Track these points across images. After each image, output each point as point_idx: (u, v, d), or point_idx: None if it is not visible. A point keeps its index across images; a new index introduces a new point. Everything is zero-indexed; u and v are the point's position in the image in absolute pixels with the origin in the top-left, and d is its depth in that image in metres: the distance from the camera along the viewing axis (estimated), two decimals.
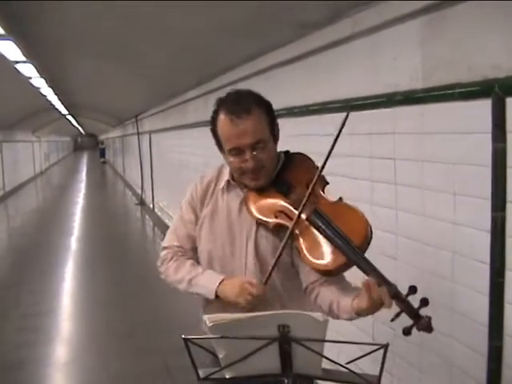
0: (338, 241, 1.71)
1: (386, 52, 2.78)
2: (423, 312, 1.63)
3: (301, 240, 1.79)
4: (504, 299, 2.10)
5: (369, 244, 1.75)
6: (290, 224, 1.80)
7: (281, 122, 1.96)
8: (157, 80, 7.74)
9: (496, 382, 2.17)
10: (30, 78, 8.52)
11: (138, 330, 5.27)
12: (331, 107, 3.38)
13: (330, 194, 1.96)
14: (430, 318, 1.61)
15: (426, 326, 1.60)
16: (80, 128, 36.55)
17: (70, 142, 57.83)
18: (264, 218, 1.87)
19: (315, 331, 1.39)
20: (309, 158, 2.01)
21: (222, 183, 2.04)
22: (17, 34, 5.44)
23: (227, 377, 1.56)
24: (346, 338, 3.08)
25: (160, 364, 4.37)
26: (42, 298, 6.61)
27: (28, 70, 7.65)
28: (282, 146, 2.06)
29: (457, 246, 2.34)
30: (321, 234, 1.76)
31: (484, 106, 2.10)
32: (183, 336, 1.47)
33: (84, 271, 8.09)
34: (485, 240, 2.14)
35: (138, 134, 14.61)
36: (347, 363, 1.49)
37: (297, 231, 1.80)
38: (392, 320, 1.62)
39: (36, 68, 7.57)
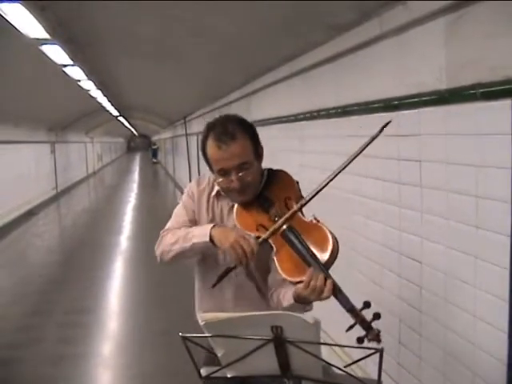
0: (306, 255, 1.88)
1: (413, 52, 2.75)
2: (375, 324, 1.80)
3: (275, 252, 1.95)
4: None
5: (334, 259, 1.90)
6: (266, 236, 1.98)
7: (314, 123, 1.99)
8: (203, 81, 7.84)
9: None
10: (79, 80, 8.74)
11: (173, 329, 5.33)
12: (360, 109, 3.37)
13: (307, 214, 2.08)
14: (379, 331, 1.80)
15: (375, 336, 1.78)
16: (132, 129, 37.26)
17: (123, 143, 58.95)
18: (246, 231, 2.01)
19: (307, 333, 1.39)
20: (287, 176, 2.16)
21: (214, 191, 2.23)
22: (62, 38, 5.60)
23: (229, 376, 1.58)
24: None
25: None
26: (86, 295, 6.80)
27: (76, 72, 7.85)
28: (313, 148, 2.15)
29: (479, 251, 2.30)
30: (293, 249, 1.92)
31: (505, 107, 2.05)
32: (180, 334, 1.49)
33: (129, 270, 8.28)
34: (505, 244, 2.09)
35: (187, 135, 14.78)
36: (345, 367, 1.48)
37: (273, 244, 1.97)
38: (347, 330, 1.78)
39: (83, 71, 7.75)
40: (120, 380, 4.56)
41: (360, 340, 1.76)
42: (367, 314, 1.80)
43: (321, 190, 2.01)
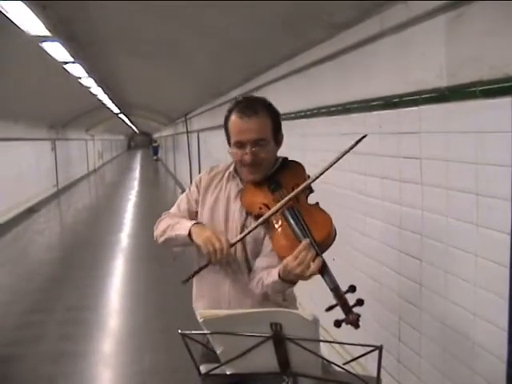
0: (301, 232, 1.94)
1: (413, 50, 2.75)
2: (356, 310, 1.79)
3: (274, 229, 2.04)
4: None
5: (329, 244, 1.96)
6: (266, 214, 2.04)
7: (314, 121, 2.03)
8: (203, 79, 7.84)
9: None
10: (80, 77, 8.74)
11: (173, 327, 5.34)
12: (361, 106, 3.37)
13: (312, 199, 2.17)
14: (359, 316, 1.79)
15: (354, 320, 1.78)
16: (133, 127, 37.26)
17: (124, 141, 58.93)
18: (250, 208, 2.15)
19: (306, 330, 1.39)
20: (301, 167, 2.25)
21: (227, 174, 2.33)
22: (63, 36, 5.60)
23: (228, 373, 1.58)
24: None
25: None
26: (87, 293, 6.81)
27: (77, 70, 7.85)
28: (314, 145, 2.19)
29: (479, 248, 2.29)
30: (290, 228, 1.98)
31: (504, 104, 2.04)
32: (180, 331, 1.49)
33: (130, 268, 8.28)
34: (505, 242, 2.09)
35: (187, 132, 14.78)
36: (344, 364, 1.48)
37: (273, 222, 2.04)
38: (326, 310, 1.81)
39: (84, 68, 7.75)
40: (120, 377, 4.56)
41: (337, 323, 1.77)
42: (351, 299, 1.81)
43: (321, 175, 2.09)
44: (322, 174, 2.09)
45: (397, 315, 3.09)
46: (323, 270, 1.85)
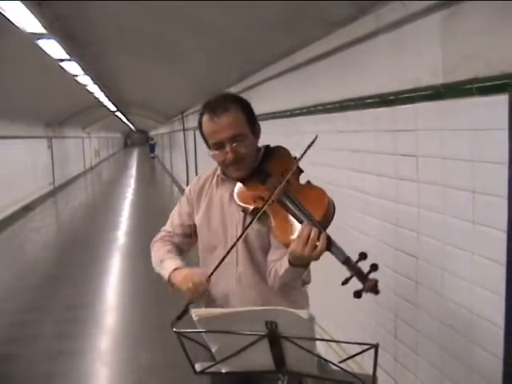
0: (303, 217, 1.89)
1: (409, 48, 2.74)
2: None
3: (272, 219, 1.98)
4: None
5: (330, 219, 1.91)
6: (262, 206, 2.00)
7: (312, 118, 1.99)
8: (199, 77, 7.83)
9: None
10: (76, 75, 8.71)
11: (169, 325, 5.35)
12: (356, 104, 3.36)
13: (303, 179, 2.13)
14: (377, 281, 1.78)
15: (372, 286, 1.77)
16: (130, 125, 37.23)
17: (121, 139, 58.86)
18: (244, 205, 2.08)
19: (301, 328, 1.38)
20: (285, 150, 2.21)
21: (215, 179, 2.29)
22: (59, 33, 5.58)
23: (223, 371, 1.57)
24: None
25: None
26: (83, 291, 6.80)
27: (73, 67, 7.82)
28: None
29: (475, 246, 2.29)
30: (289, 213, 1.94)
31: (501, 102, 2.04)
32: (174, 329, 1.49)
33: (126, 265, 8.28)
34: (502, 240, 2.09)
35: (184, 130, 14.77)
36: (340, 362, 1.48)
37: (270, 212, 1.98)
38: (343, 283, 1.77)
39: (80, 66, 7.73)
40: (117, 375, 4.56)
41: (357, 294, 1.75)
42: (364, 267, 1.79)
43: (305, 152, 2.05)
44: (307, 149, 2.05)
45: (393, 313, 3.09)
46: (330, 245, 1.81)
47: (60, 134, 19.52)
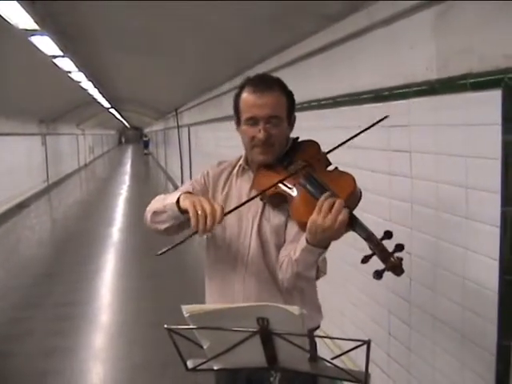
0: (323, 192, 1.77)
1: (403, 43, 2.74)
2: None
3: (292, 198, 1.89)
4: None
5: (356, 202, 1.83)
6: (285, 191, 1.91)
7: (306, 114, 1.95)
8: (193, 73, 7.81)
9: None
10: (69, 72, 8.66)
11: (164, 322, 5.34)
12: (351, 100, 3.36)
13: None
14: (401, 259, 1.68)
15: (397, 263, 1.67)
16: (124, 121, 37.15)
17: (115, 135, 58.73)
18: (263, 189, 1.93)
19: (293, 325, 1.37)
20: (315, 143, 2.14)
21: (237, 168, 2.17)
22: (52, 30, 5.55)
23: (215, 368, 1.56)
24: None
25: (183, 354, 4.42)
26: (77, 288, 6.77)
27: (66, 64, 7.77)
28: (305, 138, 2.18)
29: (468, 242, 2.29)
30: (308, 192, 1.85)
31: (494, 97, 2.04)
32: (165, 326, 1.48)
33: (120, 262, 8.28)
34: (494, 235, 2.09)
35: (178, 126, 14.74)
36: (332, 358, 1.48)
37: (289, 192, 1.90)
38: (362, 261, 1.71)
39: (74, 62, 7.69)
40: (111, 372, 4.54)
41: (377, 274, 1.68)
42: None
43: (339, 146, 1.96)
44: (341, 145, 1.95)
45: (386, 309, 3.08)
46: (352, 222, 1.71)
47: (54, 130, 19.44)
